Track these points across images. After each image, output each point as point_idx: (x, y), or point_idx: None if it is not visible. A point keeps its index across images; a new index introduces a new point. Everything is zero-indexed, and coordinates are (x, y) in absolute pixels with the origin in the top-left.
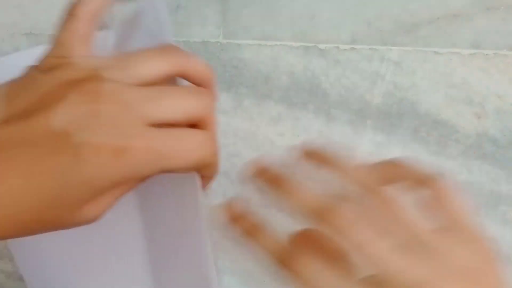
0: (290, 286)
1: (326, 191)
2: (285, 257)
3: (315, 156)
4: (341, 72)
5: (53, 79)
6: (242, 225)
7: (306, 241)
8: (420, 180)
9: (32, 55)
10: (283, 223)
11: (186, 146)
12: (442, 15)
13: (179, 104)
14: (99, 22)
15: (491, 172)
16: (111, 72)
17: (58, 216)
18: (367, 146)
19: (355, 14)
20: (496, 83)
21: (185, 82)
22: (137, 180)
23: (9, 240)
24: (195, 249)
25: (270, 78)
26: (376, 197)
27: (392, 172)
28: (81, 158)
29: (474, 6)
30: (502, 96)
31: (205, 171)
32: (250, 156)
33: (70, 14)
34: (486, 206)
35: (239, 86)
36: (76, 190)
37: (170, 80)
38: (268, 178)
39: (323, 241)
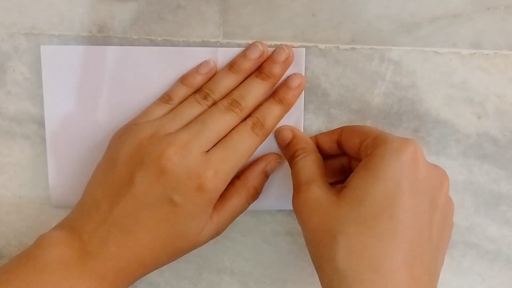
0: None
1: None
2: None
3: None
4: (341, 72)
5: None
6: None
7: None
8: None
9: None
10: None
11: (241, 146)
12: (442, 15)
13: (220, 124)
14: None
15: (491, 172)
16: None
17: (183, 248)
18: None
19: (355, 14)
20: (496, 83)
21: None
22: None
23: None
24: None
25: None
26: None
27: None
28: (176, 206)
29: (474, 6)
30: (502, 96)
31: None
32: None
33: None
34: (486, 206)
35: None
36: (185, 227)
37: None
38: None
39: None
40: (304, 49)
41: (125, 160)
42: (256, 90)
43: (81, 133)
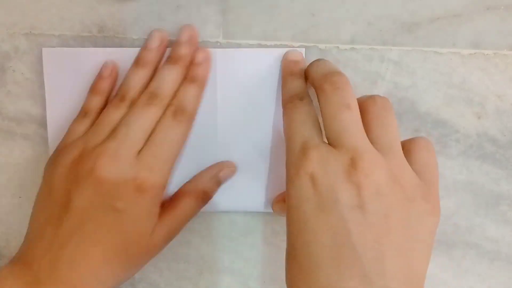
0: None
1: None
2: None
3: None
4: None
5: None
6: None
7: None
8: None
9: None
10: None
11: (168, 138)
12: (442, 15)
13: (144, 122)
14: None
15: (491, 172)
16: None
17: (136, 254)
18: None
19: (355, 14)
20: (496, 83)
21: None
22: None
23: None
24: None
25: None
26: None
27: None
28: (120, 212)
29: (474, 6)
30: (502, 96)
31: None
32: None
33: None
34: (486, 206)
35: None
36: (133, 230)
37: None
38: None
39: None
40: (304, 49)
41: (61, 183)
42: (169, 76)
43: None
